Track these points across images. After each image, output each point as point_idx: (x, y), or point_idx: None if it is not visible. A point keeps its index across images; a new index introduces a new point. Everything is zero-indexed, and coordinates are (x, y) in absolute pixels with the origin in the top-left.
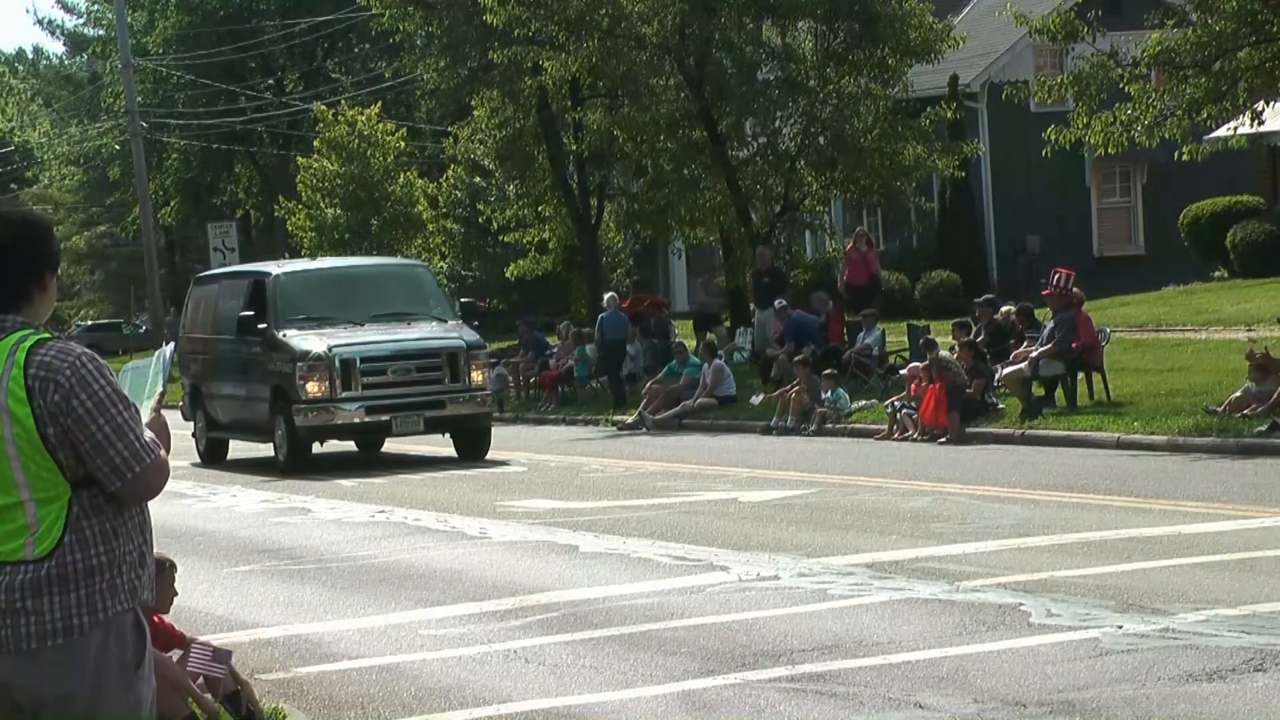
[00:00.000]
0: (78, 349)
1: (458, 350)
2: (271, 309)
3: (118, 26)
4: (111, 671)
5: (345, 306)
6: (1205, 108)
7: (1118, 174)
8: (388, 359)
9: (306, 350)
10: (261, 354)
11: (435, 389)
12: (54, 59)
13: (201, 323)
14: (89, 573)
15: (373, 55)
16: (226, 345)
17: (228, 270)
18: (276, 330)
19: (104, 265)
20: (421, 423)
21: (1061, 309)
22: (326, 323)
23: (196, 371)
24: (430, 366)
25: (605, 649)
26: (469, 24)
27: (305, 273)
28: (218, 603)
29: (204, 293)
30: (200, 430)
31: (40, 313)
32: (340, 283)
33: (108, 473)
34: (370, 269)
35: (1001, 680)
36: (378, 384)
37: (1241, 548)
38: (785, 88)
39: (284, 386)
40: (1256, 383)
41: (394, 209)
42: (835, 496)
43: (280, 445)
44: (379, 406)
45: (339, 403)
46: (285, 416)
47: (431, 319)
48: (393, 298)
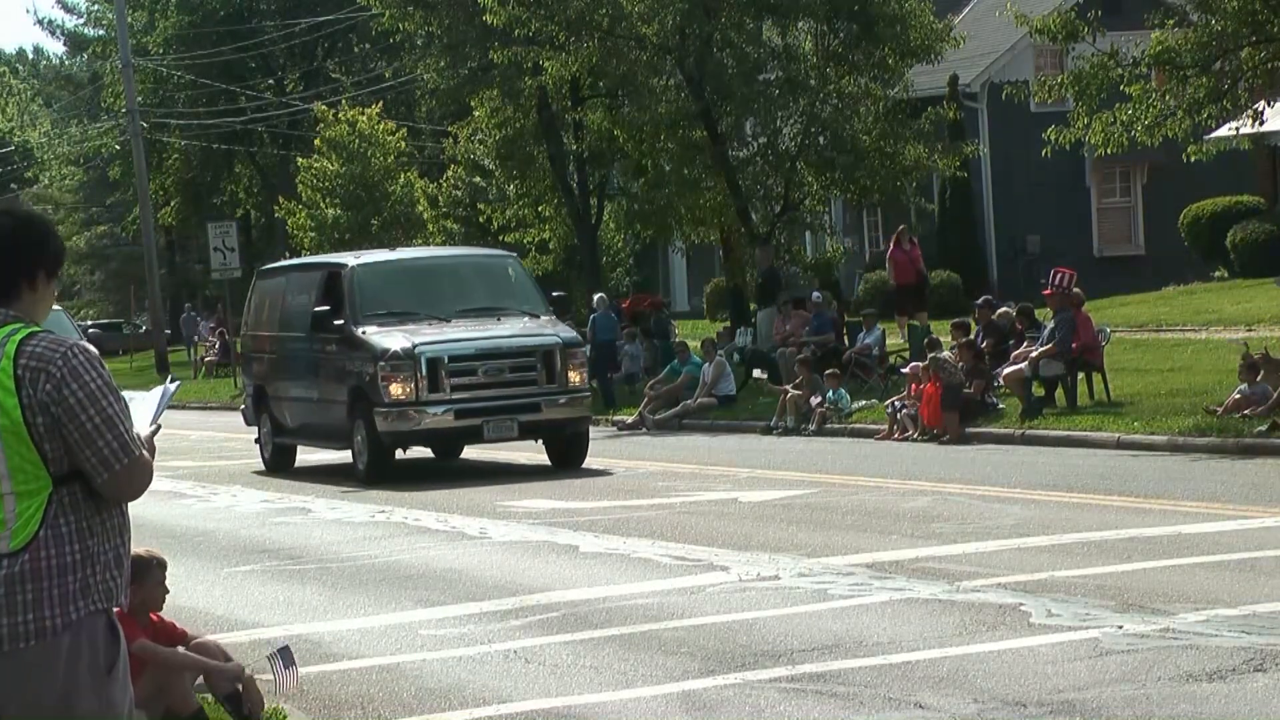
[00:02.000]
0: (70, 341)
1: (553, 348)
2: (348, 304)
3: (118, 26)
4: (83, 674)
5: (429, 301)
6: (1206, 108)
7: (1118, 174)
8: (478, 358)
9: (388, 348)
10: (338, 353)
11: (530, 390)
12: (54, 59)
13: (267, 319)
14: (62, 570)
15: (373, 55)
16: (296, 343)
17: (296, 262)
18: (354, 327)
19: (104, 265)
20: (515, 427)
21: (1061, 309)
22: (409, 318)
23: (261, 372)
24: (524, 366)
25: (605, 649)
26: (469, 24)
27: (385, 264)
28: (218, 603)
29: (269, 287)
30: (265, 436)
31: (34, 312)
32: (423, 275)
33: (95, 464)
34: (455, 260)
35: (1001, 680)
36: (467, 385)
37: (1241, 548)
38: (785, 88)
39: (363, 388)
40: (1248, 383)
41: (394, 209)
42: (835, 496)
43: (360, 452)
44: (469, 410)
45: (425, 405)
46: (365, 421)
47: (522, 314)
48: (480, 291)
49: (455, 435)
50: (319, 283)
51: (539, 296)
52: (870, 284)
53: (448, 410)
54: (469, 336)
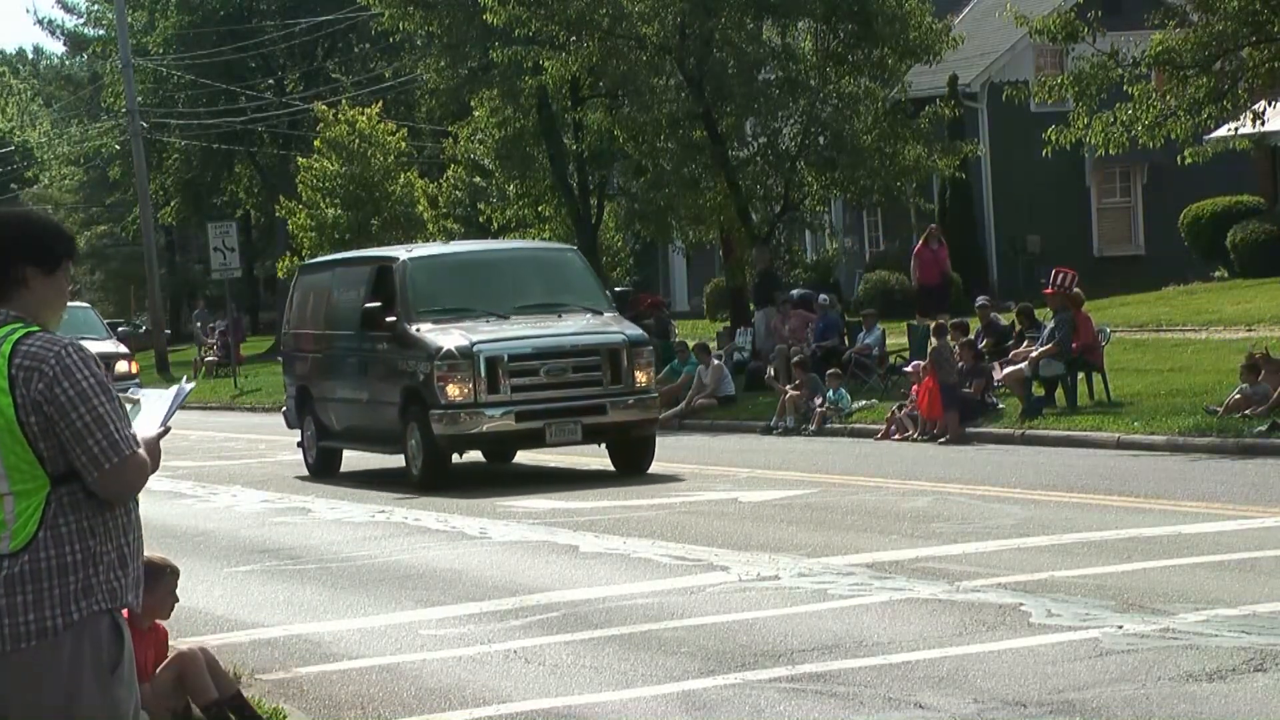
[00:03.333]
0: (65, 340)
1: (619, 346)
2: (401, 299)
3: (118, 26)
4: (86, 674)
5: (486, 296)
6: (1206, 108)
7: (1118, 174)
8: (540, 357)
9: (444, 347)
10: (389, 351)
11: (594, 391)
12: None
13: (311, 316)
14: (63, 570)
15: (373, 55)
16: (344, 341)
17: (343, 256)
18: (408, 324)
19: (104, 265)
20: (579, 431)
21: (1061, 309)
22: (465, 315)
23: (304, 372)
24: (588, 365)
25: (605, 649)
26: (469, 24)
27: (440, 258)
28: (218, 603)
29: (313, 282)
30: (309, 439)
31: (38, 310)
32: (479, 269)
33: (85, 462)
34: (513, 254)
35: (1001, 680)
36: (528, 386)
37: (1241, 548)
38: (785, 88)
39: (417, 389)
40: (1249, 384)
41: (394, 209)
42: (835, 496)
43: (413, 456)
44: (530, 411)
45: (484, 407)
46: (419, 423)
47: (584, 310)
48: (539, 286)
49: (516, 439)
50: (369, 278)
51: (601, 292)
52: (870, 284)
53: (507, 412)
54: (529, 334)
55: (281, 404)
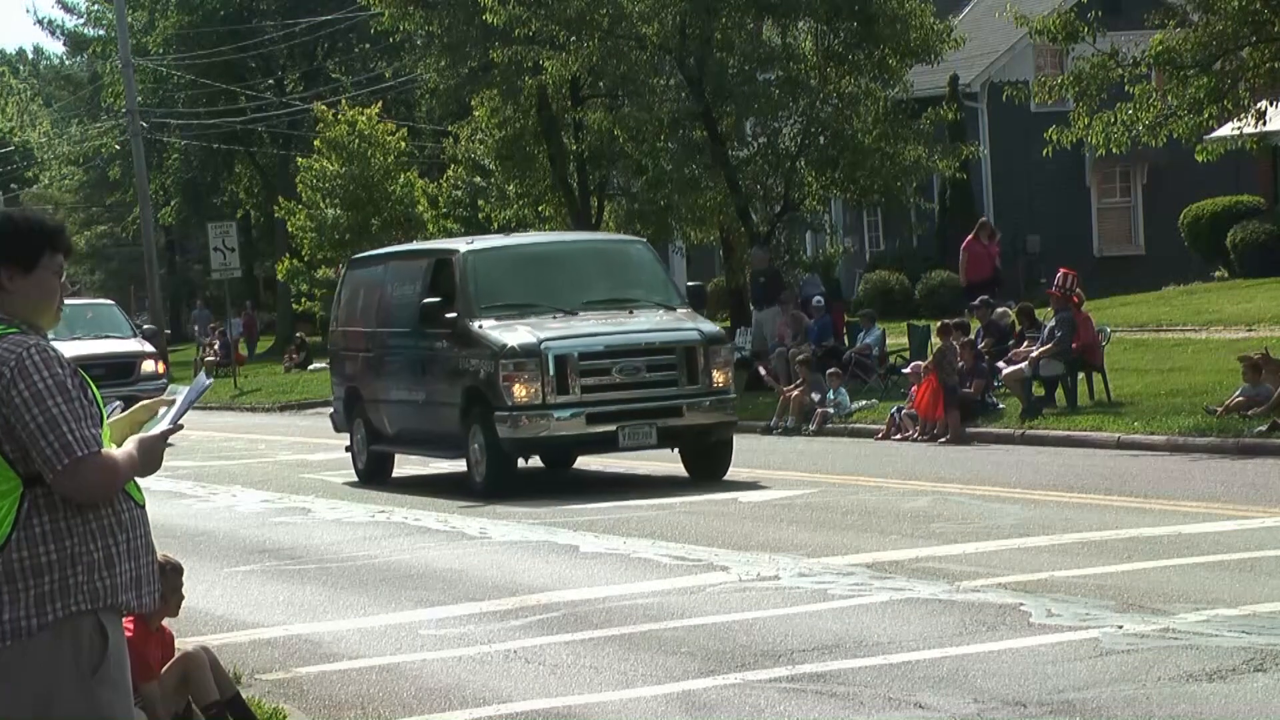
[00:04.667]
0: (32, 341)
1: (695, 344)
2: (462, 295)
3: (118, 26)
4: (64, 675)
5: (552, 291)
6: (1207, 108)
7: (1118, 174)
8: (612, 355)
9: (510, 344)
10: (449, 349)
11: (670, 392)
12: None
13: (362, 313)
14: (36, 571)
15: (373, 55)
16: (399, 340)
17: (398, 249)
18: (470, 320)
19: (104, 265)
20: (654, 434)
21: (1062, 309)
22: (530, 311)
23: (354, 372)
24: (663, 365)
25: (605, 649)
26: (469, 24)
27: (502, 250)
28: (218, 603)
29: (363, 277)
30: (359, 443)
31: (16, 310)
32: (544, 263)
33: (41, 463)
34: (579, 246)
35: (1001, 680)
36: (600, 386)
37: (1241, 548)
38: (785, 88)
39: (480, 389)
40: (1252, 383)
41: (394, 209)
42: (835, 496)
43: (477, 461)
44: (602, 414)
45: (553, 409)
46: (482, 426)
47: (656, 306)
48: (607, 280)
49: (586, 443)
50: (426, 271)
51: (672, 286)
52: (870, 284)
53: (578, 414)
54: (600, 331)
55: (281, 404)
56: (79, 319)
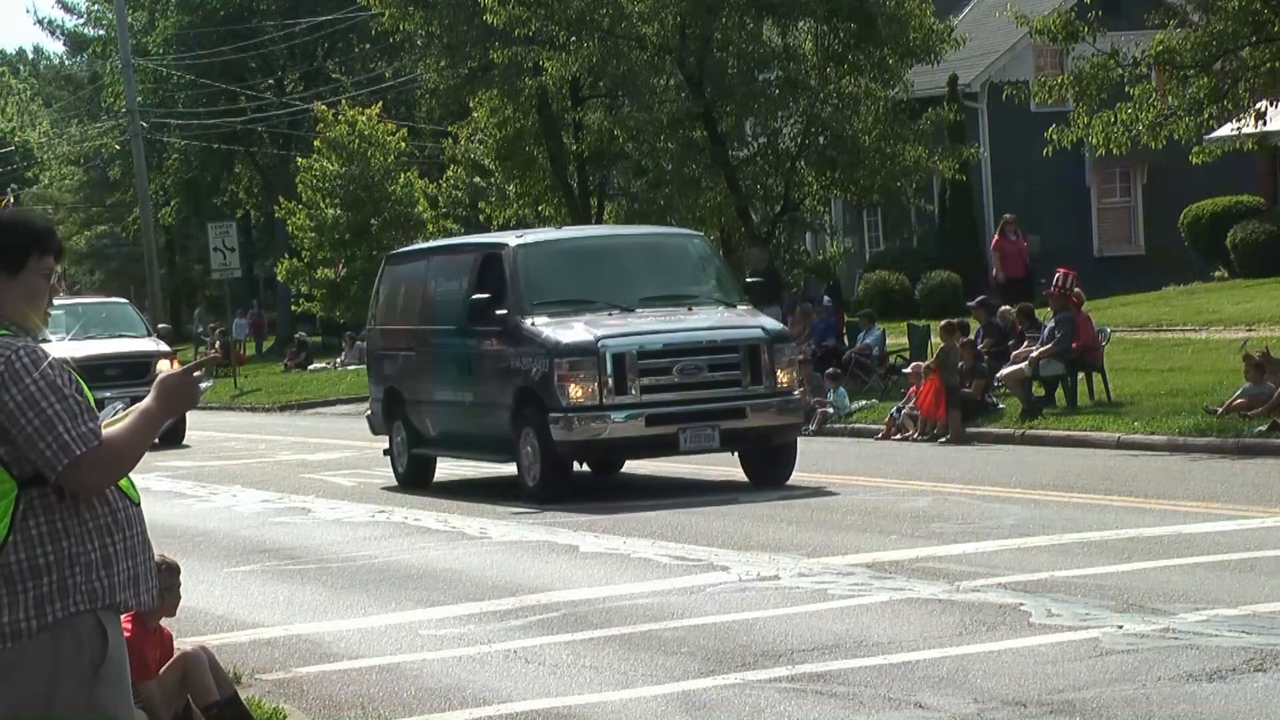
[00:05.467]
0: (19, 343)
1: (759, 343)
2: (512, 290)
3: (118, 26)
4: (65, 676)
5: (607, 287)
6: (1207, 108)
7: (1118, 174)
8: (672, 354)
9: (566, 342)
10: (500, 348)
11: (733, 393)
12: (54, 59)
13: (403, 311)
14: (35, 573)
15: (373, 55)
16: (444, 338)
17: (441, 244)
18: (522, 317)
19: (104, 265)
20: (716, 436)
21: (1061, 309)
22: (585, 307)
23: (394, 372)
24: (726, 364)
25: (605, 649)
26: (469, 24)
27: (554, 244)
28: (218, 603)
29: (404, 273)
30: (400, 446)
31: (4, 312)
32: (598, 257)
33: (40, 466)
34: (635, 239)
35: (1001, 680)
36: (659, 386)
37: (1241, 548)
38: (785, 88)
39: (533, 389)
40: (1254, 382)
41: (394, 209)
42: (835, 496)
43: (529, 465)
44: (663, 415)
45: (610, 410)
46: (535, 428)
47: (716, 302)
48: (664, 275)
49: (645, 446)
50: (473, 267)
51: (732, 282)
52: (870, 284)
53: (636, 415)
54: (660, 328)
55: (280, 404)
56: (93, 318)
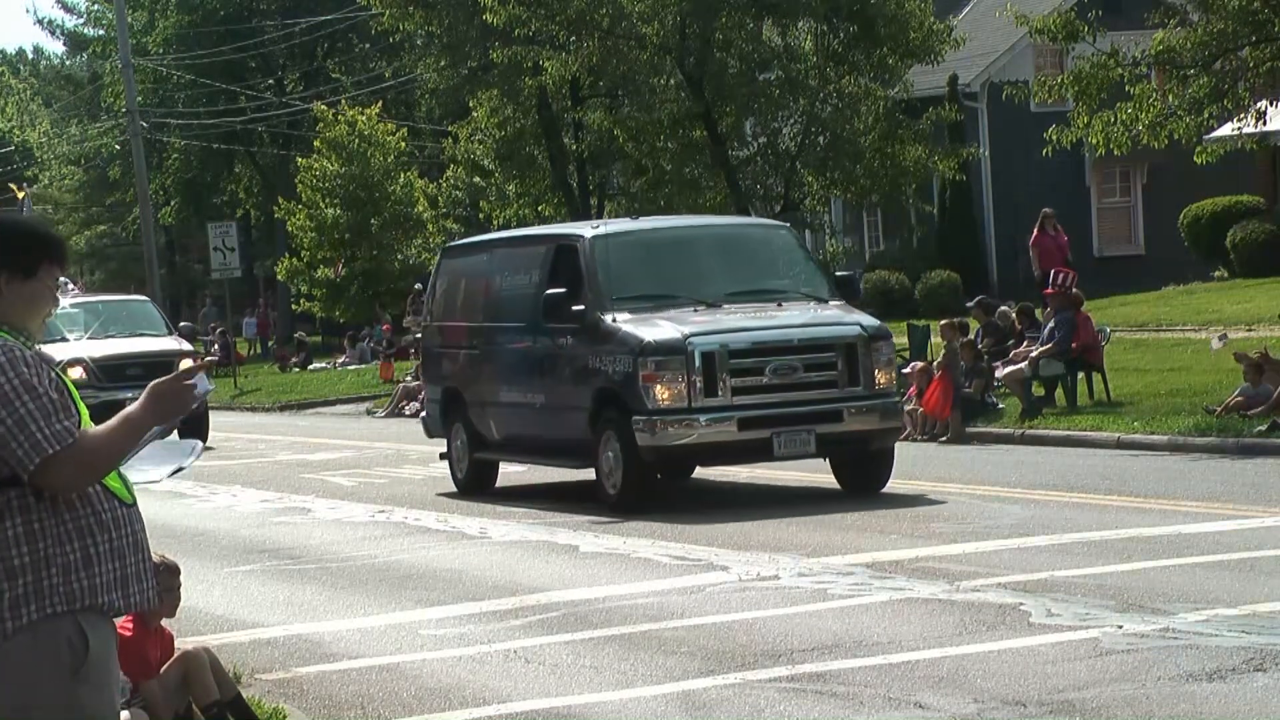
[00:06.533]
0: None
1: (856, 341)
2: (590, 284)
3: (118, 26)
4: (43, 678)
5: (690, 281)
6: (1207, 108)
7: (1118, 174)
8: (764, 353)
9: (651, 340)
10: (576, 346)
11: (829, 394)
12: (54, 59)
13: (463, 306)
14: (10, 574)
15: (373, 55)
16: (511, 335)
17: (506, 235)
18: (601, 313)
19: (104, 265)
20: (812, 441)
21: (1061, 309)
22: (668, 303)
23: (453, 372)
24: (821, 364)
25: (605, 649)
26: (469, 24)
27: (633, 235)
28: (218, 603)
29: (463, 266)
30: (460, 450)
31: (7, 315)
32: (681, 249)
33: (14, 465)
34: (719, 230)
35: (1001, 680)
36: (752, 388)
37: (1241, 548)
38: (785, 88)
39: (614, 390)
40: (1253, 383)
41: (394, 209)
42: (835, 496)
43: (609, 471)
44: (755, 418)
45: (699, 413)
46: (617, 432)
47: (806, 298)
48: (750, 269)
49: (737, 451)
50: (543, 260)
51: (821, 276)
52: (870, 284)
53: (728, 419)
54: (750, 326)
55: (280, 404)
56: (112, 316)
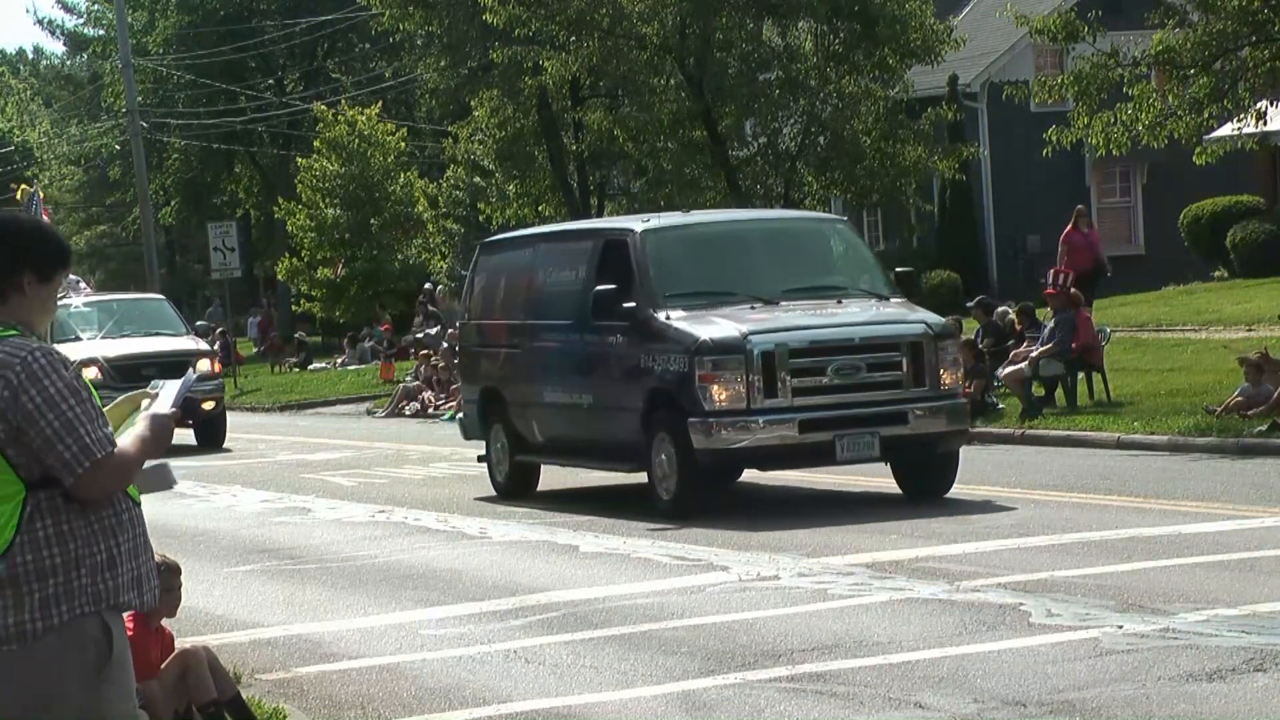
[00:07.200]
0: (34, 345)
1: (921, 339)
2: (641, 281)
3: (118, 26)
4: (70, 677)
5: (746, 277)
6: (1207, 108)
7: (1118, 174)
8: (827, 351)
9: (708, 338)
10: (627, 345)
11: (894, 395)
12: (54, 59)
13: (504, 304)
14: (41, 575)
15: (373, 55)
16: (557, 334)
17: (549, 230)
18: (654, 311)
19: (104, 265)
20: (876, 444)
21: (1061, 309)
22: (723, 300)
23: (493, 371)
24: (885, 364)
25: (605, 649)
26: (469, 24)
27: (686, 229)
28: (218, 603)
29: (503, 262)
30: (499, 453)
31: (27, 315)
32: (735, 244)
33: (59, 468)
34: (772, 225)
35: (1001, 680)
36: (813, 388)
37: (1241, 548)
38: (785, 88)
39: (669, 390)
40: (1253, 384)
41: (394, 209)
42: (836, 496)
43: (663, 475)
44: (817, 420)
45: (759, 414)
46: (671, 434)
47: (866, 294)
48: (808, 265)
49: (797, 454)
50: (591, 255)
51: (881, 272)
52: None
53: (788, 420)
54: (810, 324)
55: (281, 404)
56: (127, 315)
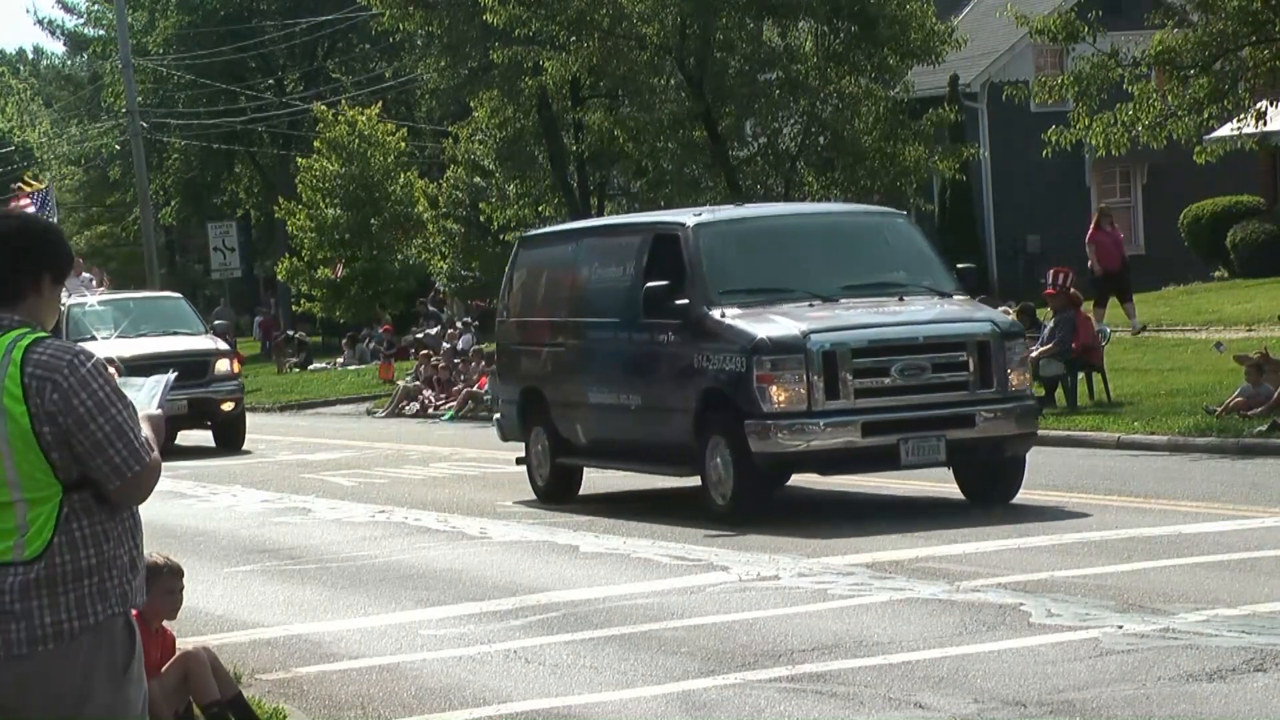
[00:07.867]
0: (75, 348)
1: (988, 339)
2: (694, 277)
3: (118, 26)
4: (100, 675)
5: (804, 273)
6: (1207, 108)
7: (1118, 174)
8: (891, 351)
9: (766, 337)
10: (680, 343)
11: (960, 397)
12: (54, 59)
13: (545, 300)
14: (78, 575)
15: (373, 55)
16: (603, 332)
17: (594, 224)
18: (708, 308)
19: (104, 265)
20: (942, 448)
21: (1062, 309)
22: (781, 297)
23: (534, 371)
24: (950, 364)
25: (605, 649)
26: (469, 24)
27: (740, 224)
28: (218, 603)
29: (545, 258)
30: (540, 455)
31: (42, 315)
32: (792, 239)
33: (108, 472)
34: (829, 219)
35: (1001, 680)
36: (875, 389)
37: (1241, 548)
38: (785, 88)
39: (724, 391)
40: (1253, 384)
41: (394, 209)
42: (836, 496)
43: (718, 480)
44: (881, 423)
45: (820, 417)
46: (727, 437)
47: (927, 292)
48: (867, 261)
49: (860, 458)
50: (640, 250)
51: (944, 269)
52: None
53: (851, 423)
54: (872, 322)
55: (281, 404)
56: (144, 313)
